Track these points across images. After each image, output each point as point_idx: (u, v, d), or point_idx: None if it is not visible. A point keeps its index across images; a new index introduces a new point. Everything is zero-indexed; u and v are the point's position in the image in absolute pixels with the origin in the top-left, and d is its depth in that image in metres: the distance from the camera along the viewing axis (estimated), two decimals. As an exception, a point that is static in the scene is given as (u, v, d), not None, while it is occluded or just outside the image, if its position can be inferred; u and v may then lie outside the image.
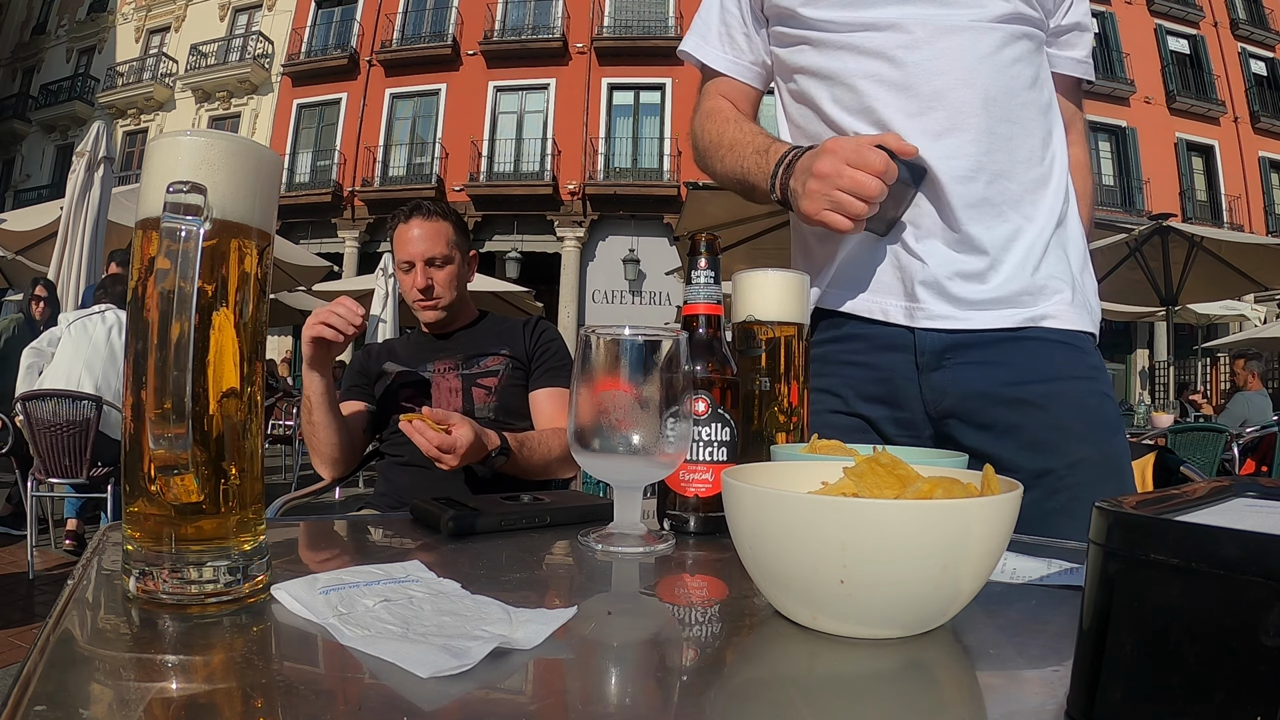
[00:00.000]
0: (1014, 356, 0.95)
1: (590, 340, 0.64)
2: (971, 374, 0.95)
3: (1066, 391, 0.96)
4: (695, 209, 5.82)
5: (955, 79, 0.92)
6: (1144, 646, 0.28)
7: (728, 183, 1.06)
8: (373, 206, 17.23)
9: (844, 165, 0.85)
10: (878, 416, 1.00)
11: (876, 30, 0.94)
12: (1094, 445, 0.95)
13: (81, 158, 5.14)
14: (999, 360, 0.95)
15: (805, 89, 1.01)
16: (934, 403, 0.97)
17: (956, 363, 0.96)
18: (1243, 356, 6.22)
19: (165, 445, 0.41)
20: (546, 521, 0.73)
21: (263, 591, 0.47)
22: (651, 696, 0.37)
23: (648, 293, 16.34)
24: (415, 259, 1.68)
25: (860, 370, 1.00)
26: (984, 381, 0.95)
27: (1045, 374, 0.95)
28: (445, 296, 1.70)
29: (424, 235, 1.68)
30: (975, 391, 0.95)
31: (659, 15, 17.08)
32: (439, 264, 1.69)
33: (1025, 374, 0.95)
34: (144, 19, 20.02)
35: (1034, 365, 0.95)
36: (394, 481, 1.63)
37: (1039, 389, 0.94)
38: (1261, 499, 0.36)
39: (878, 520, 0.39)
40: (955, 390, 0.96)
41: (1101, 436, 0.96)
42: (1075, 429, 0.94)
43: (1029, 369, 0.95)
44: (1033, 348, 0.95)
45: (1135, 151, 17.17)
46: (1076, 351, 0.98)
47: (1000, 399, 0.94)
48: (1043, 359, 0.95)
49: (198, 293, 0.42)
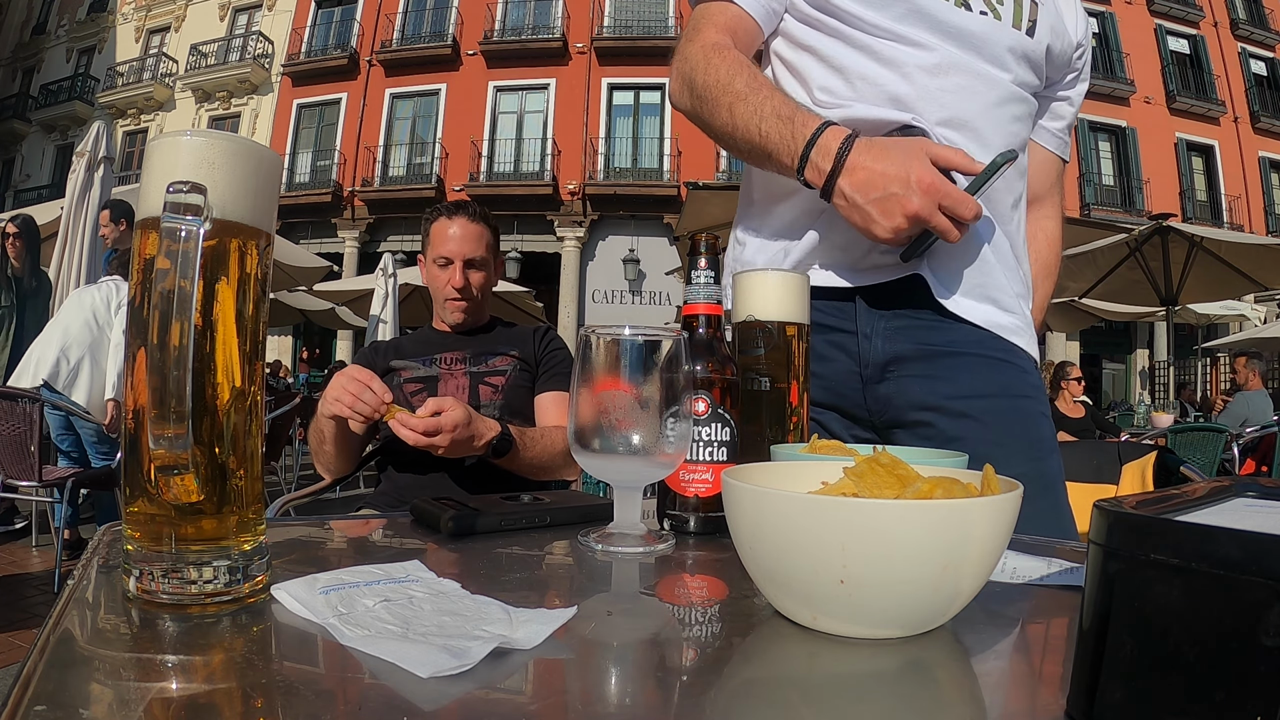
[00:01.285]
0: (957, 372, 0.96)
1: (590, 340, 0.64)
2: (915, 386, 0.96)
3: (1006, 409, 0.96)
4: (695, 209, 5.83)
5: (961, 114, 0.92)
6: (1144, 646, 0.28)
7: (729, 138, 0.92)
8: (373, 206, 17.24)
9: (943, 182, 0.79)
10: (828, 420, 1.00)
11: (902, 44, 0.92)
12: (1030, 463, 0.95)
13: (81, 158, 5.14)
14: (942, 375, 0.96)
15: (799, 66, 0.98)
16: (879, 413, 0.98)
17: (901, 375, 0.97)
18: (1245, 355, 6.22)
19: (165, 445, 0.41)
20: (546, 521, 0.73)
21: (263, 591, 0.47)
22: (651, 696, 0.37)
23: (648, 293, 16.35)
24: (455, 257, 1.70)
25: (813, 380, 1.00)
26: (928, 394, 0.96)
27: (987, 390, 0.96)
28: (476, 299, 1.73)
29: (467, 236, 1.71)
30: (919, 403, 0.96)
31: (659, 15, 17.08)
32: (477, 266, 1.72)
33: (967, 389, 0.95)
34: (144, 19, 20.02)
35: (976, 382, 0.96)
36: (394, 481, 1.63)
37: (980, 404, 0.95)
38: (1261, 499, 0.36)
39: (878, 520, 0.39)
40: (899, 401, 0.97)
41: (1038, 455, 0.97)
42: (1013, 446, 0.95)
43: (971, 385, 0.95)
44: (976, 364, 0.96)
45: (1135, 151, 17.17)
46: (1019, 371, 0.99)
47: (943, 411, 0.96)
48: (985, 376, 0.96)
49: (198, 293, 0.42)
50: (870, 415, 0.99)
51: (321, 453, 1.61)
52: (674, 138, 16.34)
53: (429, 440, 1.34)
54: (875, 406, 0.98)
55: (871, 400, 0.98)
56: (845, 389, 0.99)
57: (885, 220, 0.81)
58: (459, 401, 1.38)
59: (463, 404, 1.38)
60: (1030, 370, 1.00)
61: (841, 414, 1.00)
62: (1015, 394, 0.97)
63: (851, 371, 0.98)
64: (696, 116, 0.96)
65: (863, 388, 0.98)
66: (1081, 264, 6.48)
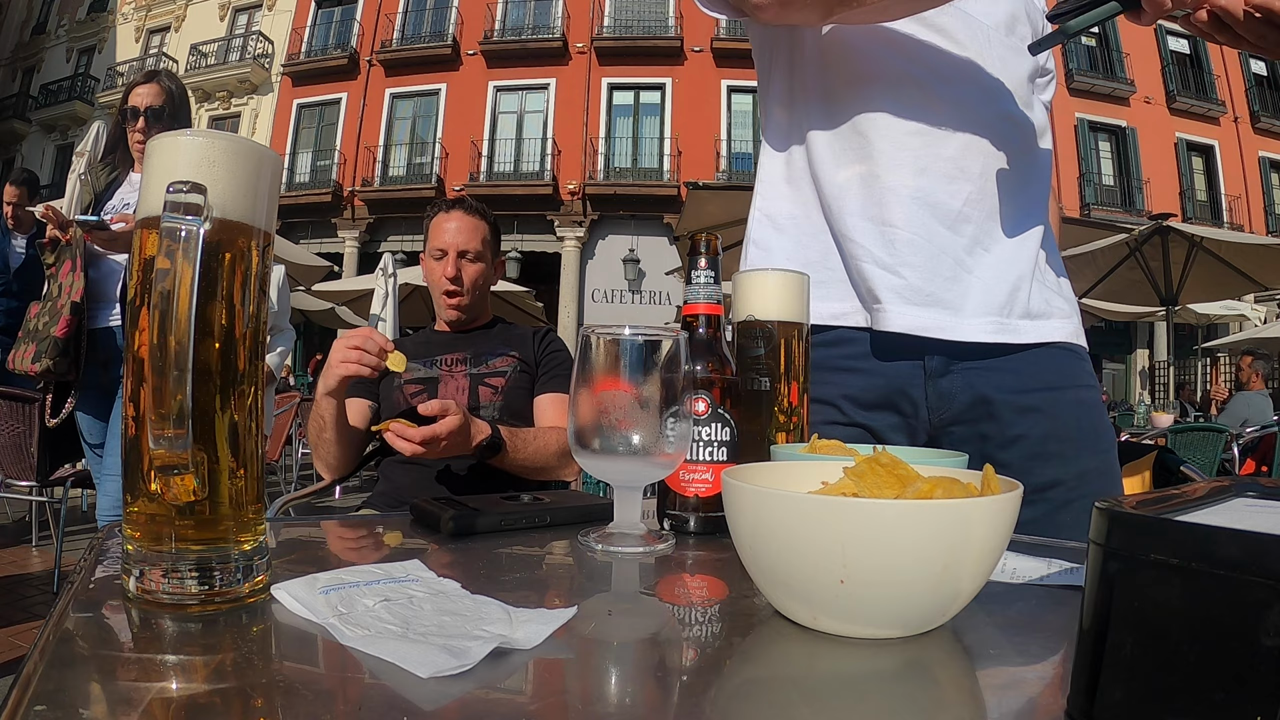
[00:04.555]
0: (1020, 363, 0.93)
1: (590, 340, 0.64)
2: (980, 379, 0.93)
3: (1071, 400, 0.94)
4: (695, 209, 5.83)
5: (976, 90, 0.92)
6: (1144, 646, 0.28)
7: None
8: (373, 206, 17.23)
9: None
10: (881, 425, 0.96)
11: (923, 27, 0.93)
12: (1098, 455, 0.94)
13: (81, 157, 5.13)
14: (1006, 367, 0.93)
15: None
16: (938, 410, 0.94)
17: (964, 368, 0.93)
18: (1250, 354, 6.21)
19: (165, 445, 0.41)
20: (546, 521, 0.73)
21: (263, 591, 0.47)
22: (651, 696, 0.37)
23: (648, 293, 16.35)
24: (449, 248, 1.71)
25: (858, 377, 0.95)
26: (991, 388, 0.93)
27: (1051, 381, 0.94)
28: (470, 293, 1.73)
29: (461, 228, 1.73)
30: (982, 398, 0.93)
31: (659, 15, 17.08)
32: (470, 259, 1.73)
33: (1031, 381, 0.93)
34: (144, 19, 20.01)
35: (1040, 372, 0.94)
36: (394, 481, 1.63)
37: (1046, 396, 0.93)
38: (1261, 499, 0.36)
39: (878, 520, 0.39)
40: (963, 397, 0.93)
41: (1104, 446, 0.95)
42: (1081, 439, 0.93)
43: (1036, 376, 0.93)
44: (1038, 353, 0.94)
45: (1135, 151, 17.17)
46: (1079, 359, 0.97)
47: (1008, 406, 0.93)
48: (1048, 366, 0.94)
49: (198, 293, 0.42)
50: (930, 413, 0.95)
51: (321, 443, 1.58)
52: (674, 138, 16.34)
53: (423, 450, 1.34)
54: (936, 403, 0.94)
55: (933, 396, 0.94)
56: (906, 385, 0.95)
57: None
58: (458, 407, 1.38)
59: (460, 409, 1.38)
60: (1085, 358, 0.99)
61: (896, 415, 0.95)
62: (1080, 384, 0.96)
63: (914, 366, 0.94)
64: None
65: (925, 382, 0.94)
66: (1081, 264, 6.47)
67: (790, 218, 1.01)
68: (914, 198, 0.92)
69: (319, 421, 1.56)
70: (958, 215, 0.92)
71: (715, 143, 16.34)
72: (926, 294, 0.92)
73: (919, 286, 0.92)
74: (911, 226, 0.92)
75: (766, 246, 1.02)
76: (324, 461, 1.62)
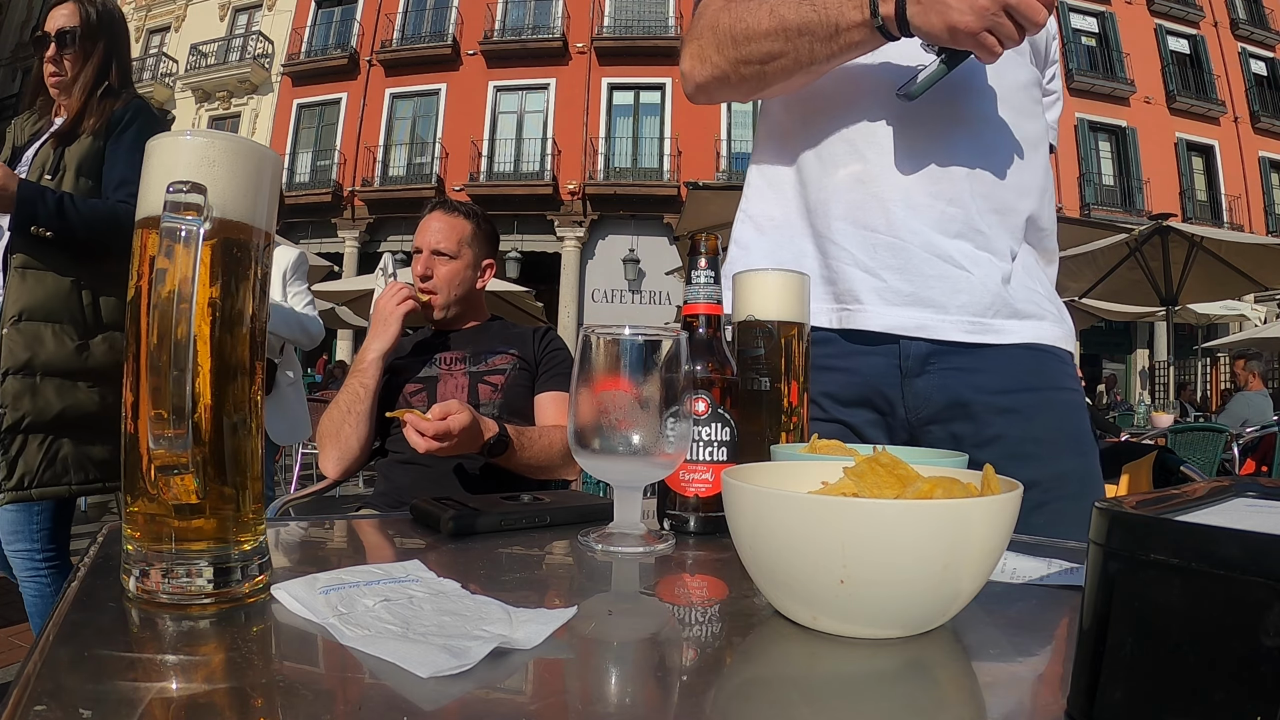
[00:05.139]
0: (1000, 363, 0.94)
1: (590, 340, 0.64)
2: (956, 380, 0.94)
3: (1051, 402, 0.95)
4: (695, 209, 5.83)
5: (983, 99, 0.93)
6: (1144, 646, 0.28)
7: (781, 39, 0.88)
8: (373, 206, 17.23)
9: None
10: (859, 421, 0.97)
11: None
12: (1076, 459, 0.94)
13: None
14: (984, 367, 0.94)
15: None
16: (915, 409, 0.95)
17: (941, 368, 0.94)
18: (1243, 357, 6.22)
19: (165, 445, 0.41)
20: (546, 521, 0.73)
21: (263, 591, 0.47)
22: (651, 696, 0.37)
23: (648, 292, 16.35)
24: (424, 247, 1.73)
25: (838, 375, 0.97)
26: (970, 389, 0.94)
27: (1031, 383, 0.94)
28: (441, 292, 1.72)
29: (438, 228, 1.74)
30: (960, 399, 0.94)
31: (659, 15, 17.07)
32: (444, 256, 1.73)
33: (1012, 382, 0.93)
34: (144, 19, 19.99)
35: (1021, 373, 0.94)
36: (394, 481, 1.63)
37: (1025, 397, 0.94)
38: (1261, 499, 0.36)
39: (878, 520, 0.39)
40: (940, 397, 0.94)
41: (1083, 450, 0.96)
42: (1060, 441, 0.94)
43: (1016, 377, 0.94)
44: (1018, 354, 0.95)
45: (1135, 151, 17.16)
46: (1059, 362, 0.98)
47: (987, 406, 0.93)
48: (1029, 368, 0.95)
49: (198, 293, 0.42)
50: (907, 412, 0.96)
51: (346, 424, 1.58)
52: (674, 138, 16.33)
53: (437, 445, 1.35)
54: (913, 402, 0.95)
55: (910, 395, 0.95)
56: (882, 384, 0.96)
57: (954, 15, 0.77)
58: (464, 405, 1.38)
59: (467, 407, 1.38)
60: (1068, 362, 0.99)
61: (874, 412, 0.97)
62: (1059, 386, 0.96)
63: (891, 365, 0.95)
64: (735, 62, 0.93)
65: (901, 381, 0.95)
66: (1081, 264, 6.47)
67: (770, 219, 1.04)
68: (900, 202, 0.93)
69: (354, 395, 1.59)
70: (943, 218, 0.93)
71: (715, 143, 16.33)
72: (907, 295, 0.93)
73: (899, 288, 0.93)
74: (895, 230, 0.93)
75: (746, 245, 1.05)
76: (339, 450, 1.61)
